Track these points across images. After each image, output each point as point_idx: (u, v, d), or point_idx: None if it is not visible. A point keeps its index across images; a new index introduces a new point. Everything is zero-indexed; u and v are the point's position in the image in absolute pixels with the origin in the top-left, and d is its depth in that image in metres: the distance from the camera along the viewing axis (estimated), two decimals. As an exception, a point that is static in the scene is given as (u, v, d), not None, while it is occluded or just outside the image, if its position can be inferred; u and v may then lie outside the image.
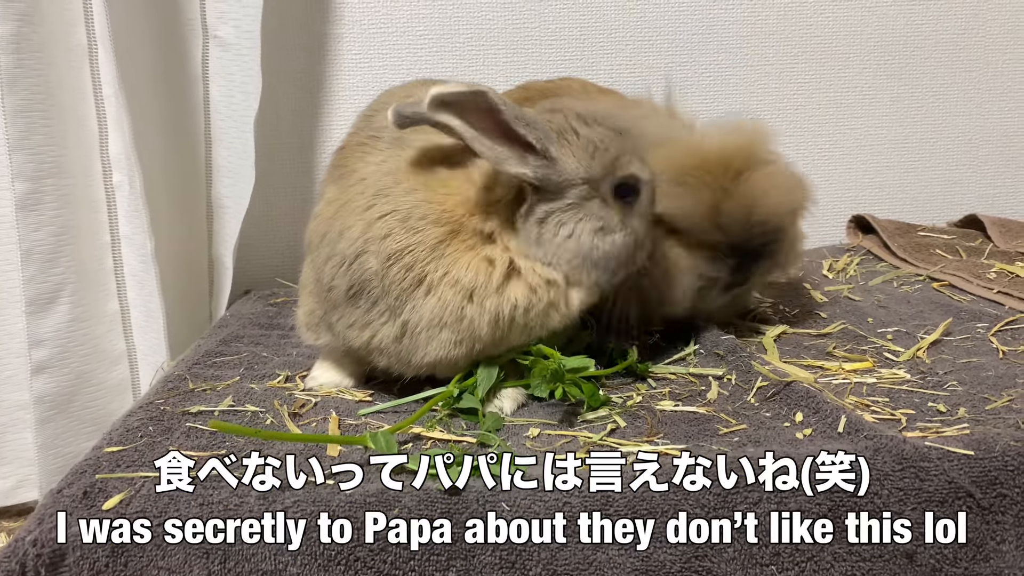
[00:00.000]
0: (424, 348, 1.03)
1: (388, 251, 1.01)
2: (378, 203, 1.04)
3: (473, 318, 1.02)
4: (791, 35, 1.88)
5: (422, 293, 1.02)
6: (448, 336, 1.03)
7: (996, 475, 0.87)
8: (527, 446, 0.96)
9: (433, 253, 1.01)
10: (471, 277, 1.02)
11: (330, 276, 1.06)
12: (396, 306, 1.02)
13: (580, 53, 1.83)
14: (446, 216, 1.03)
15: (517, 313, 1.04)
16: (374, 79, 1.81)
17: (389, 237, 1.01)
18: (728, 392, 1.12)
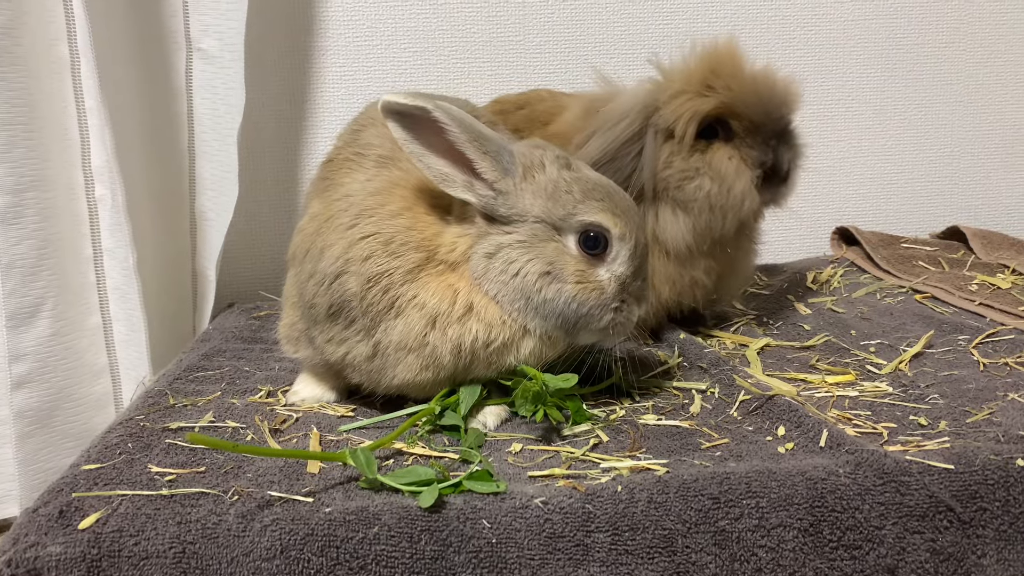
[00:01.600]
0: (392, 369, 1.03)
1: (368, 273, 1.00)
2: (361, 223, 1.03)
3: (436, 345, 1.01)
4: (774, 48, 1.90)
5: (393, 315, 1.01)
6: (414, 360, 1.02)
7: (976, 489, 0.87)
8: (509, 462, 0.96)
9: (406, 277, 1.01)
10: (435, 303, 1.01)
11: (311, 293, 1.05)
12: (370, 326, 1.02)
13: (563, 65, 1.84)
14: (425, 243, 1.02)
15: (477, 345, 1.02)
16: (358, 91, 1.81)
17: (370, 260, 1.01)
18: (711, 406, 1.12)
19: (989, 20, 1.97)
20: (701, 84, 1.29)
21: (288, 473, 0.91)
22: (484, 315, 1.02)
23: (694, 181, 1.30)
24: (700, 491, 0.86)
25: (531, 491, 0.86)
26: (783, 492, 0.86)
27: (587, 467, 0.93)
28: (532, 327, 1.04)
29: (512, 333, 1.03)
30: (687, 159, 1.30)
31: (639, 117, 1.31)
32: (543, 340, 1.05)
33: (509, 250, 1.02)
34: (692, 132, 1.29)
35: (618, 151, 1.31)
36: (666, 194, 1.33)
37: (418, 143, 1.00)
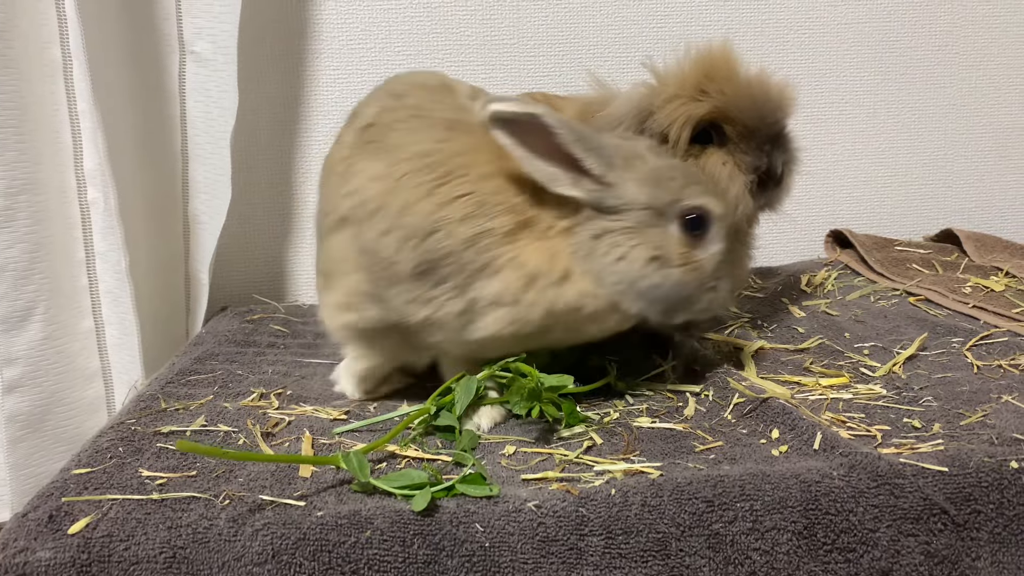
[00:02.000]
0: (480, 322, 1.04)
1: (466, 234, 1.01)
2: (452, 182, 1.03)
3: (531, 303, 1.03)
4: (767, 52, 1.90)
5: (489, 273, 1.02)
6: (504, 315, 1.03)
7: (971, 491, 0.87)
8: (503, 464, 0.95)
9: (505, 239, 1.02)
10: (535, 264, 1.03)
11: (393, 250, 1.04)
12: (464, 284, 1.03)
13: (557, 69, 1.84)
14: (517, 208, 1.04)
15: (567, 311, 1.04)
16: (352, 94, 1.79)
17: (468, 220, 1.02)
18: (705, 408, 1.11)
19: (981, 23, 1.97)
20: (695, 88, 1.29)
21: (280, 477, 0.91)
22: (579, 284, 1.04)
23: None
24: (694, 494, 0.86)
25: (524, 494, 0.85)
26: (777, 495, 0.86)
27: (581, 470, 0.93)
28: (627, 306, 1.06)
29: (602, 306, 1.06)
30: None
31: (633, 122, 1.31)
32: (629, 317, 1.08)
33: (615, 235, 1.04)
34: (686, 137, 1.28)
35: None
36: None
37: (524, 147, 1.02)
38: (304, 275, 1.87)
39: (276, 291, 1.85)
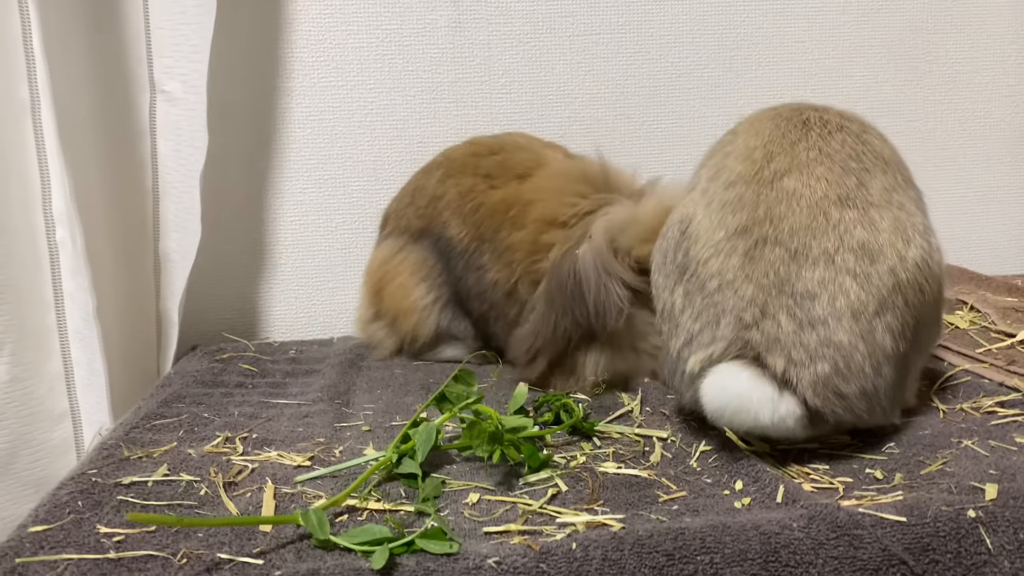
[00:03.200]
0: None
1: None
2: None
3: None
4: (735, 95, 1.92)
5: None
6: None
7: (928, 541, 0.87)
8: (465, 515, 0.95)
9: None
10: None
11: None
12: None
13: (529, 106, 1.85)
14: None
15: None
16: (324, 132, 1.81)
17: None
18: (672, 455, 1.12)
19: (947, 59, 2.00)
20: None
21: (240, 532, 0.90)
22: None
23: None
24: (655, 547, 0.86)
25: (485, 550, 0.85)
26: (737, 547, 0.86)
27: (544, 521, 0.93)
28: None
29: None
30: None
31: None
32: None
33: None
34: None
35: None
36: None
37: None
38: (275, 312, 1.86)
39: (247, 329, 1.84)
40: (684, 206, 1.15)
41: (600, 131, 1.87)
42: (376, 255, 1.65)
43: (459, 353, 1.58)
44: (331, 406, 1.34)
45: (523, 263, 1.41)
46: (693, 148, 1.86)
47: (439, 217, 1.54)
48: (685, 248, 1.10)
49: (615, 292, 1.28)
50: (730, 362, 1.03)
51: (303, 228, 1.84)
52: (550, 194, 1.41)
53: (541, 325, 1.33)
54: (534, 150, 1.54)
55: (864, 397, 1.01)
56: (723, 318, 1.04)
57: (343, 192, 1.84)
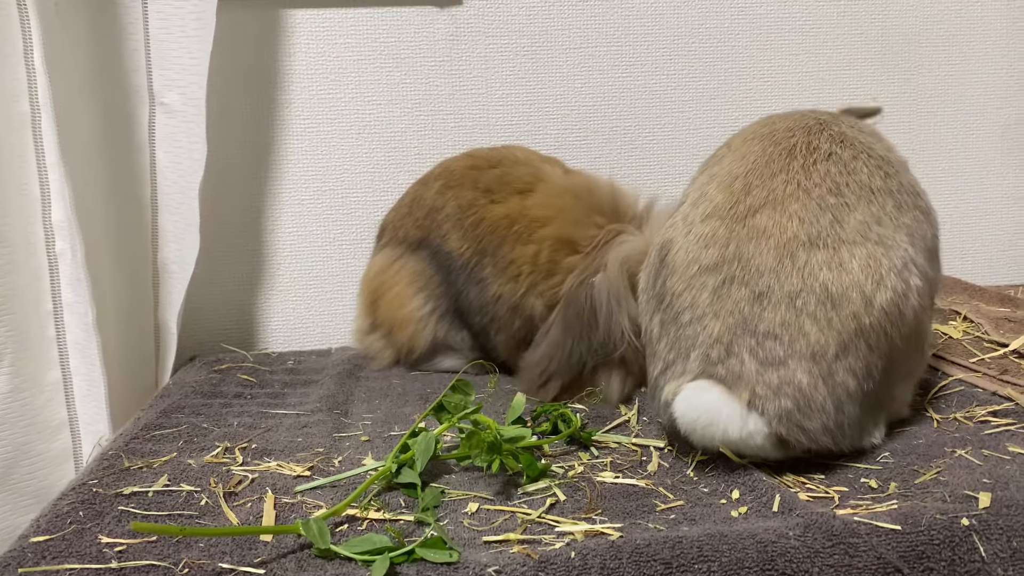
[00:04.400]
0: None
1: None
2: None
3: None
4: (734, 105, 1.94)
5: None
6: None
7: (923, 549, 0.88)
8: (465, 524, 0.96)
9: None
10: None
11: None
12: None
13: (526, 118, 1.86)
14: None
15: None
16: (322, 144, 1.82)
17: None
18: (668, 464, 1.13)
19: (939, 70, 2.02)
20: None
21: (241, 542, 0.91)
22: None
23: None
24: (652, 556, 0.86)
25: (485, 559, 0.86)
26: (734, 555, 0.87)
27: (543, 530, 0.93)
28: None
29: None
30: None
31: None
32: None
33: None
34: None
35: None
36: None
37: None
38: (273, 323, 1.87)
39: (245, 339, 1.85)
40: (667, 230, 1.16)
41: (596, 143, 1.88)
42: (373, 265, 1.66)
43: (456, 364, 1.59)
44: (330, 416, 1.35)
45: (529, 277, 1.43)
46: (689, 159, 1.90)
47: (438, 229, 1.55)
48: (664, 277, 1.12)
49: (622, 324, 1.32)
50: (701, 380, 1.05)
51: (301, 239, 1.85)
52: (560, 213, 1.44)
53: (555, 350, 1.36)
54: (533, 164, 1.55)
55: (827, 432, 1.03)
56: (693, 351, 1.06)
57: (341, 203, 1.85)
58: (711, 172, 1.16)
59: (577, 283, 1.37)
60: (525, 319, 1.45)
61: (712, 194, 1.12)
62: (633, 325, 1.32)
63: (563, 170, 1.57)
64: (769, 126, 1.17)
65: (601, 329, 1.33)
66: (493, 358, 1.54)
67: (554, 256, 1.42)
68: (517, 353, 1.46)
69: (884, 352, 1.04)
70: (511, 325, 1.47)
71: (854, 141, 1.13)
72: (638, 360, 1.35)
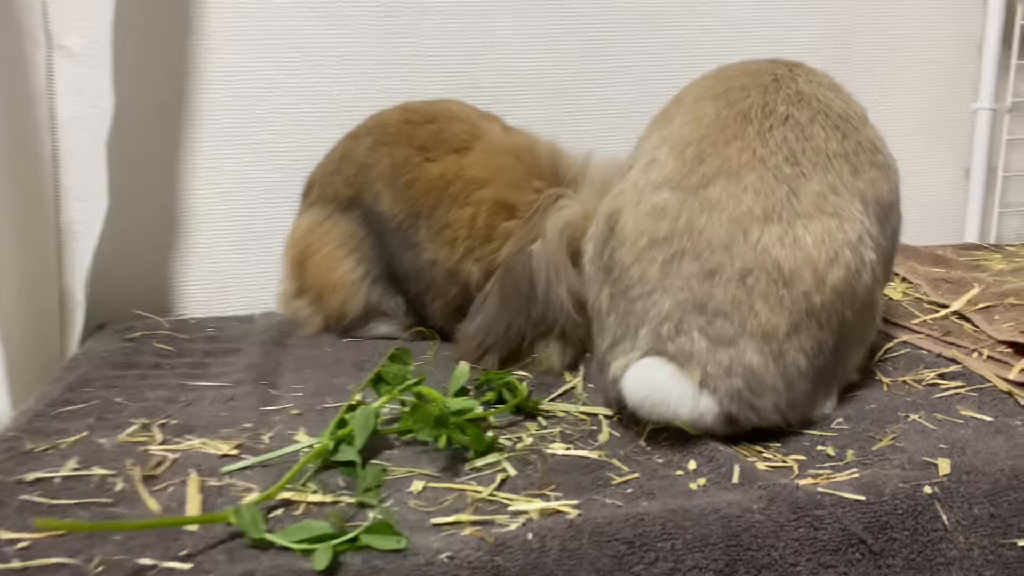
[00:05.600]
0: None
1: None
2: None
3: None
4: (682, 65, 1.89)
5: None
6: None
7: (887, 519, 0.86)
8: (411, 506, 0.89)
9: None
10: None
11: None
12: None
13: (461, 71, 1.77)
14: None
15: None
16: (243, 93, 1.70)
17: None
18: (619, 434, 1.08)
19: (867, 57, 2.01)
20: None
21: (164, 533, 0.82)
22: None
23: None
24: (613, 535, 0.82)
25: (436, 544, 0.80)
26: (698, 532, 0.83)
27: (495, 510, 0.88)
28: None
29: None
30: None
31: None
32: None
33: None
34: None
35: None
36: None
37: None
38: (191, 287, 1.75)
39: (160, 305, 1.73)
40: (615, 197, 1.10)
41: (535, 99, 1.81)
42: (299, 225, 1.56)
43: (391, 330, 1.51)
44: (256, 388, 1.26)
45: (466, 242, 1.37)
46: (636, 118, 1.82)
47: (370, 188, 1.46)
48: (612, 248, 1.07)
49: (560, 296, 1.26)
50: (651, 357, 1.01)
51: (220, 196, 1.73)
52: (499, 175, 1.37)
53: (493, 323, 1.30)
54: (471, 121, 1.48)
55: (778, 411, 1.01)
56: (642, 327, 1.02)
57: (263, 158, 1.73)
58: (662, 134, 1.11)
59: (515, 251, 1.31)
60: (462, 286, 1.39)
61: (663, 160, 1.07)
62: (572, 297, 1.27)
63: (502, 128, 1.50)
64: (723, 83, 1.12)
65: (539, 301, 1.28)
66: (431, 326, 1.47)
67: (491, 221, 1.36)
68: (454, 320, 1.40)
69: (835, 329, 1.01)
70: (447, 292, 1.41)
71: (811, 99, 1.09)
72: (577, 332, 1.31)
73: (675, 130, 1.08)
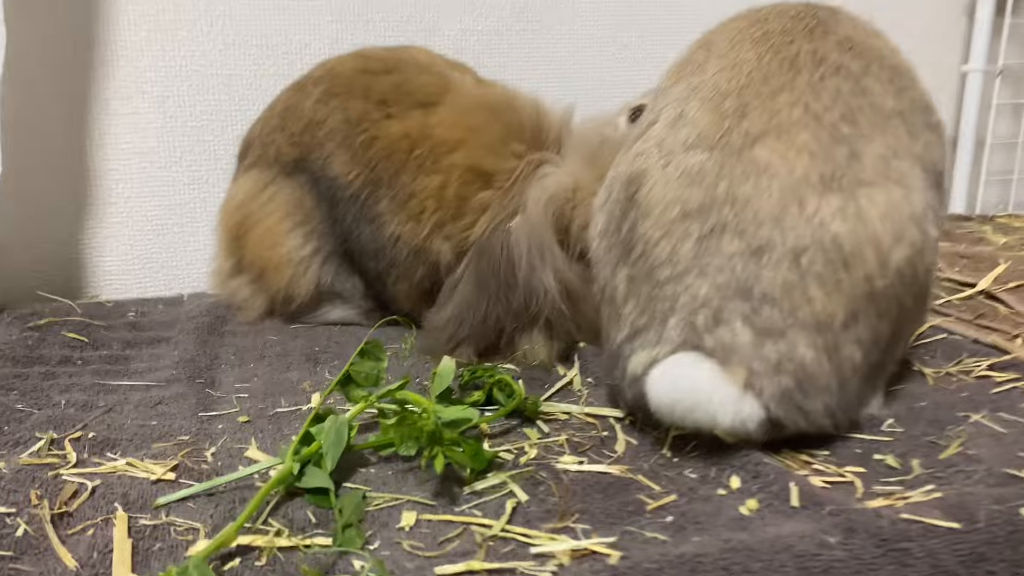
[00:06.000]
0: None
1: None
2: None
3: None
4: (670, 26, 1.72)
5: None
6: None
7: (984, 551, 0.72)
8: (404, 548, 0.71)
9: None
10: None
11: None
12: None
13: (422, 14, 1.57)
14: None
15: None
16: (163, 37, 1.48)
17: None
18: (637, 441, 0.92)
19: None
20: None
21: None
22: None
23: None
24: (668, 585, 0.65)
25: (447, 607, 0.62)
26: None
27: (511, 550, 0.71)
28: None
29: None
30: None
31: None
32: None
33: None
34: None
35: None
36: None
37: None
38: (106, 264, 1.54)
39: (69, 285, 1.51)
40: (635, 157, 0.93)
41: (500, 46, 1.62)
42: (236, 191, 1.36)
43: (346, 315, 1.33)
44: (192, 387, 1.07)
45: (435, 215, 1.19)
46: (610, 72, 1.66)
47: (320, 148, 1.26)
48: (633, 220, 0.90)
49: (545, 282, 1.10)
50: (685, 352, 0.85)
51: (139, 157, 1.53)
52: (472, 135, 1.19)
53: (466, 312, 1.12)
54: (438, 71, 1.29)
55: (829, 414, 0.87)
56: (672, 316, 0.86)
57: (190, 112, 1.53)
58: (690, 83, 0.93)
59: (491, 228, 1.15)
60: (430, 266, 1.22)
61: (695, 115, 0.90)
62: (559, 284, 1.11)
63: (474, 80, 1.31)
64: (760, 25, 0.95)
65: (521, 288, 1.10)
66: (394, 310, 1.28)
67: (464, 191, 1.18)
68: (421, 305, 1.23)
69: (894, 317, 0.87)
70: (413, 273, 1.23)
71: (864, 48, 0.93)
72: (564, 324, 1.14)
73: (708, 78, 0.91)
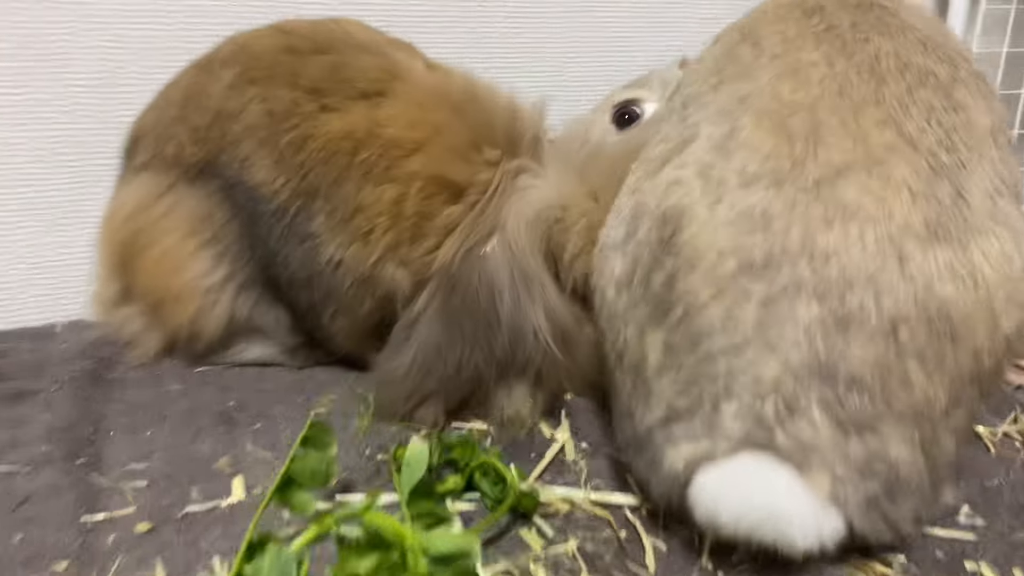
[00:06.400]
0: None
1: None
2: None
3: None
4: None
5: None
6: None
7: None
8: None
9: None
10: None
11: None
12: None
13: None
14: None
15: None
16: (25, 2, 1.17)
17: None
18: (665, 547, 0.73)
19: None
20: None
21: None
22: None
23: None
24: None
25: None
26: None
27: None
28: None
29: None
30: None
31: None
32: None
33: None
34: None
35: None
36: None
37: None
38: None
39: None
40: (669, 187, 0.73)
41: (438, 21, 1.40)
42: (123, 199, 1.10)
43: (267, 353, 1.10)
44: (69, 474, 0.84)
45: (388, 235, 0.97)
46: (568, 59, 1.49)
47: (234, 148, 1.02)
48: (670, 272, 0.71)
49: (535, 321, 0.90)
50: (751, 452, 0.67)
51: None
52: (435, 136, 0.98)
53: (435, 359, 0.92)
54: (381, 52, 1.06)
55: (915, 519, 0.71)
56: (726, 401, 0.67)
57: (61, 97, 1.26)
58: (737, 89, 0.73)
59: (461, 252, 0.94)
60: (380, 298, 1.00)
61: (752, 135, 0.70)
62: (551, 323, 0.91)
63: (424, 64, 1.08)
64: (819, 16, 0.76)
65: (505, 329, 0.91)
66: (328, 350, 1.05)
67: (425, 206, 0.97)
68: (366, 346, 1.02)
69: (988, 394, 0.72)
70: (357, 306, 1.01)
71: (946, 48, 0.75)
72: (556, 373, 0.95)
73: (763, 86, 0.71)
